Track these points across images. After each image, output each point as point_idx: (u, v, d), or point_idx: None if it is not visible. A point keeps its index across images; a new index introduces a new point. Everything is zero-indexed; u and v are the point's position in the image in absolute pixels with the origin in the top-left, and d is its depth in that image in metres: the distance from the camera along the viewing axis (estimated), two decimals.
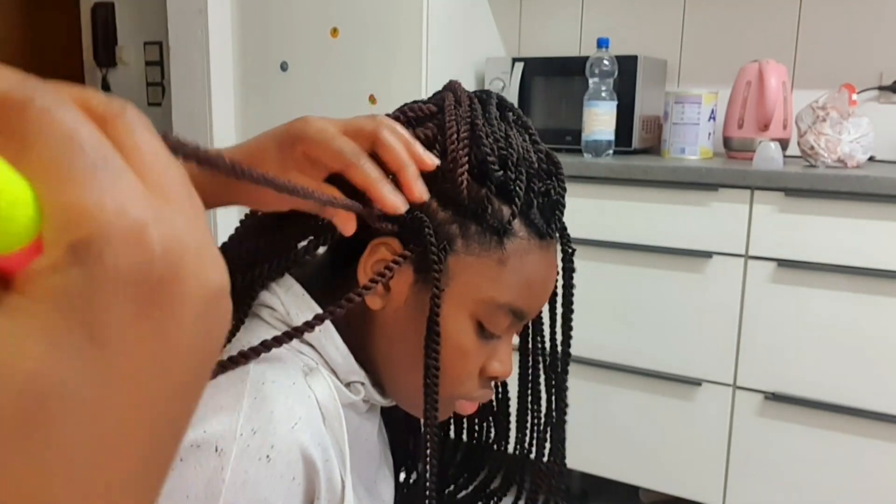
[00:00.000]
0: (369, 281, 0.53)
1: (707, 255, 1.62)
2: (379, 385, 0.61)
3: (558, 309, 0.66)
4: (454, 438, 0.77)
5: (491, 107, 0.59)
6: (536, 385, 0.70)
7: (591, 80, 1.79)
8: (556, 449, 0.70)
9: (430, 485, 0.58)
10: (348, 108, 1.95)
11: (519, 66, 1.99)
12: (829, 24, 1.94)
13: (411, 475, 0.80)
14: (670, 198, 1.64)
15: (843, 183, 1.46)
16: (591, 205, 1.72)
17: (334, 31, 2.00)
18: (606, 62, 1.78)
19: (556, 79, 2.00)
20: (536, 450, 0.72)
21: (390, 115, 0.59)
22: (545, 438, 0.71)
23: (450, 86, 0.61)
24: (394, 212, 0.50)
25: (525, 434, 0.72)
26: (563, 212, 0.59)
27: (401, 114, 0.59)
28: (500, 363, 0.60)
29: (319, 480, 0.50)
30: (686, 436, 1.69)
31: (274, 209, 0.55)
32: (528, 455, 0.72)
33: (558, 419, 0.69)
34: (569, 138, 1.93)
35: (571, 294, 0.65)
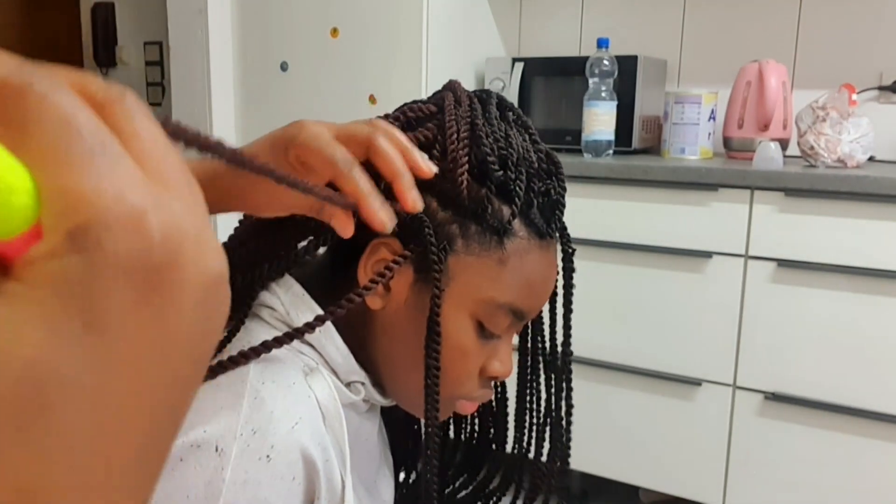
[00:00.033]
0: (370, 281, 0.53)
1: (707, 255, 1.61)
2: (379, 385, 0.61)
3: (558, 309, 0.66)
4: (454, 438, 0.77)
5: (491, 106, 0.59)
6: (536, 385, 0.70)
7: (591, 80, 1.79)
8: (556, 449, 0.70)
9: (430, 485, 0.58)
10: (348, 108, 1.95)
11: (519, 66, 1.99)
12: (829, 24, 1.94)
13: (411, 475, 0.80)
14: (670, 198, 1.64)
15: (843, 183, 1.46)
16: (591, 205, 1.72)
17: (334, 31, 2.00)
18: (606, 62, 1.78)
19: (556, 79, 2.00)
20: (535, 449, 0.72)
21: (390, 115, 0.59)
22: (544, 438, 0.71)
23: (449, 85, 0.61)
24: (381, 229, 0.48)
25: (524, 434, 0.72)
26: (563, 212, 0.59)
27: (400, 114, 0.59)
28: (501, 363, 0.60)
29: (319, 480, 0.50)
30: (686, 436, 1.69)
31: (274, 214, 0.55)
32: (528, 455, 0.72)
33: (557, 419, 0.69)
34: (569, 138, 1.93)
35: (571, 294, 0.65)
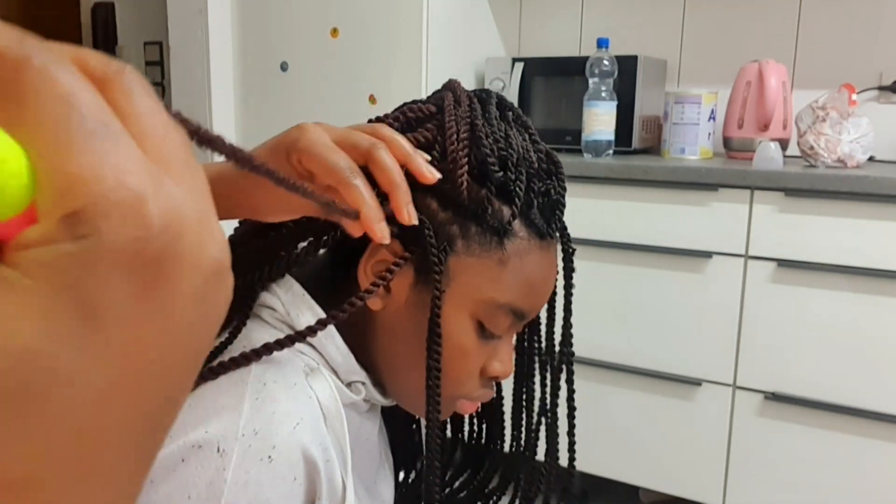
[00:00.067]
0: (371, 284, 0.53)
1: (707, 255, 1.62)
2: (379, 385, 0.61)
3: (559, 309, 0.66)
4: (454, 438, 0.77)
5: (491, 106, 0.59)
6: (534, 385, 0.70)
7: (591, 80, 1.79)
8: (554, 448, 0.70)
9: (431, 485, 0.58)
10: (348, 108, 1.94)
11: (519, 66, 1.99)
12: (829, 24, 1.94)
13: (411, 474, 0.80)
14: (670, 198, 1.64)
15: (843, 183, 1.46)
16: (591, 205, 1.72)
17: (334, 31, 2.00)
18: (606, 62, 1.78)
19: (556, 79, 2.00)
20: (533, 449, 0.72)
21: (389, 115, 0.59)
22: (538, 437, 0.71)
23: (449, 85, 0.61)
24: (378, 241, 0.49)
25: (523, 433, 0.72)
26: (563, 212, 0.59)
27: (400, 114, 0.59)
28: (501, 363, 0.60)
29: (321, 481, 0.50)
30: (686, 436, 1.69)
31: (280, 219, 0.54)
32: (527, 454, 0.72)
33: (553, 418, 0.69)
34: (569, 138, 1.93)
35: (571, 294, 0.65)
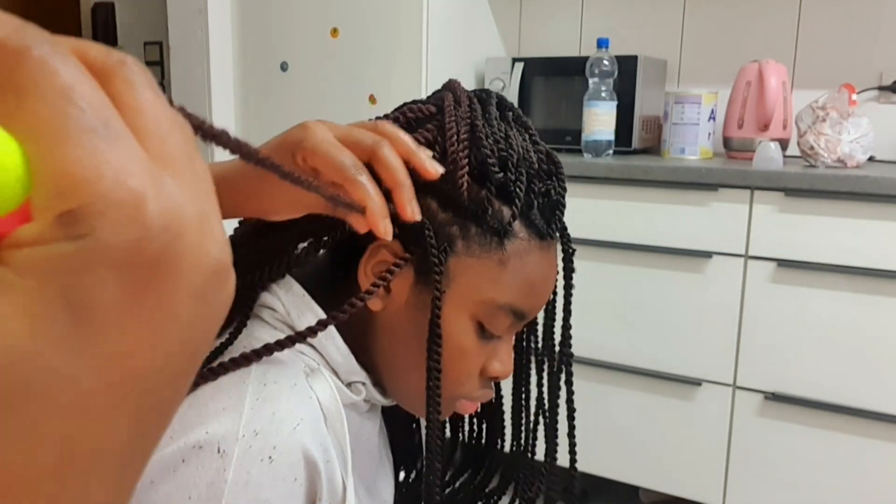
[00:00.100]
0: (371, 285, 0.53)
1: (707, 255, 1.62)
2: (379, 385, 0.61)
3: (558, 309, 0.66)
4: (454, 438, 0.77)
5: (491, 107, 0.59)
6: (535, 385, 0.70)
7: (591, 80, 1.79)
8: (552, 448, 0.70)
9: (431, 485, 0.58)
10: (348, 108, 1.94)
11: (519, 66, 1.99)
12: (829, 24, 1.94)
13: (411, 474, 0.80)
14: (670, 198, 1.64)
15: (843, 183, 1.46)
16: (591, 205, 1.72)
17: (334, 31, 2.00)
18: (606, 62, 1.78)
19: (556, 79, 1.99)
20: (532, 449, 0.72)
21: (389, 115, 0.59)
22: (536, 437, 0.71)
23: (449, 85, 0.61)
24: (383, 237, 0.49)
25: (522, 433, 0.72)
26: (563, 212, 0.59)
27: (400, 115, 0.59)
28: (501, 363, 0.60)
29: (321, 481, 0.50)
30: (686, 436, 1.69)
31: (288, 216, 0.54)
32: (526, 454, 0.72)
33: (552, 417, 0.69)
34: (569, 138, 1.93)
35: (571, 294, 0.65)
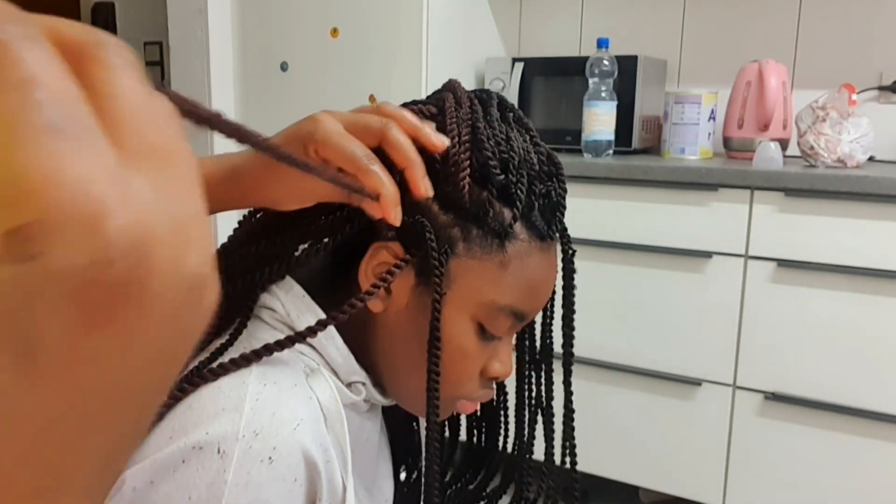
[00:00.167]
0: (371, 286, 0.53)
1: (707, 255, 1.62)
2: (379, 385, 0.61)
3: (558, 310, 0.66)
4: (454, 439, 0.77)
5: (492, 108, 0.59)
6: (532, 384, 0.70)
7: (591, 80, 1.79)
8: (551, 448, 0.70)
9: (431, 486, 0.58)
10: (348, 108, 1.94)
11: (519, 66, 1.99)
12: (829, 24, 1.94)
13: (412, 474, 0.80)
14: (670, 198, 1.64)
15: (843, 183, 1.46)
16: (591, 205, 1.72)
17: (334, 31, 2.00)
18: (606, 62, 1.78)
19: (556, 79, 1.99)
20: (530, 449, 0.72)
21: None
22: (534, 437, 0.71)
23: (449, 85, 0.60)
24: (394, 223, 0.51)
25: (524, 433, 0.72)
26: (563, 213, 0.59)
27: None
28: (501, 364, 0.60)
29: (321, 482, 0.50)
30: (686, 436, 1.70)
31: (298, 206, 0.54)
32: (527, 455, 0.72)
33: (548, 416, 0.69)
34: (569, 138, 1.93)
35: (573, 295, 0.65)
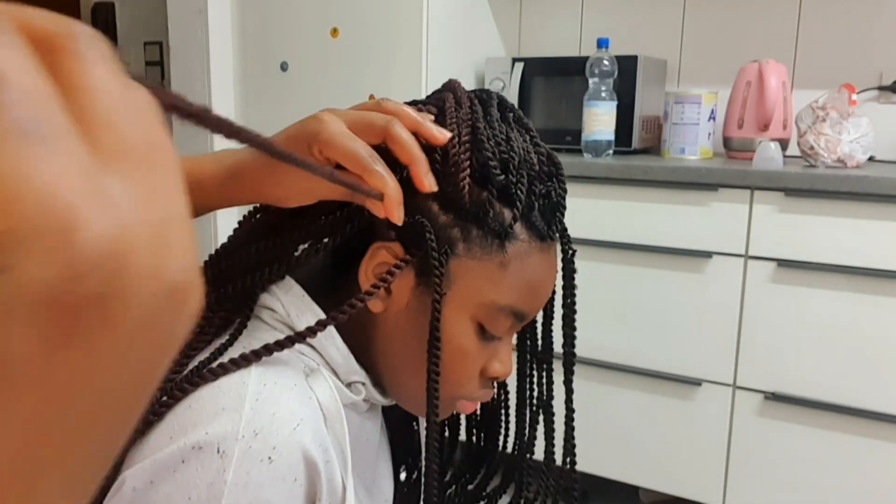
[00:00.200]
0: (371, 286, 0.53)
1: (707, 255, 1.62)
2: (379, 385, 0.61)
3: (559, 310, 0.66)
4: (454, 439, 0.77)
5: (492, 108, 0.59)
6: (533, 384, 0.70)
7: (591, 80, 1.79)
8: (551, 448, 0.70)
9: (430, 487, 0.58)
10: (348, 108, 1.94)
11: (519, 66, 1.99)
12: (829, 24, 1.94)
13: (412, 474, 0.80)
14: (670, 198, 1.64)
15: (843, 183, 1.46)
16: (591, 205, 1.72)
17: (334, 31, 2.00)
18: (606, 62, 1.78)
19: (556, 79, 1.99)
20: (529, 449, 0.72)
21: None
22: (535, 436, 0.71)
23: (449, 85, 0.60)
24: (395, 222, 0.52)
25: (524, 433, 0.72)
26: (563, 213, 0.59)
27: None
28: (501, 364, 0.60)
29: (321, 482, 0.50)
30: (686, 436, 1.70)
31: (300, 203, 0.55)
32: (527, 455, 0.72)
33: (548, 416, 0.69)
34: (569, 138, 1.93)
35: (573, 295, 0.65)
